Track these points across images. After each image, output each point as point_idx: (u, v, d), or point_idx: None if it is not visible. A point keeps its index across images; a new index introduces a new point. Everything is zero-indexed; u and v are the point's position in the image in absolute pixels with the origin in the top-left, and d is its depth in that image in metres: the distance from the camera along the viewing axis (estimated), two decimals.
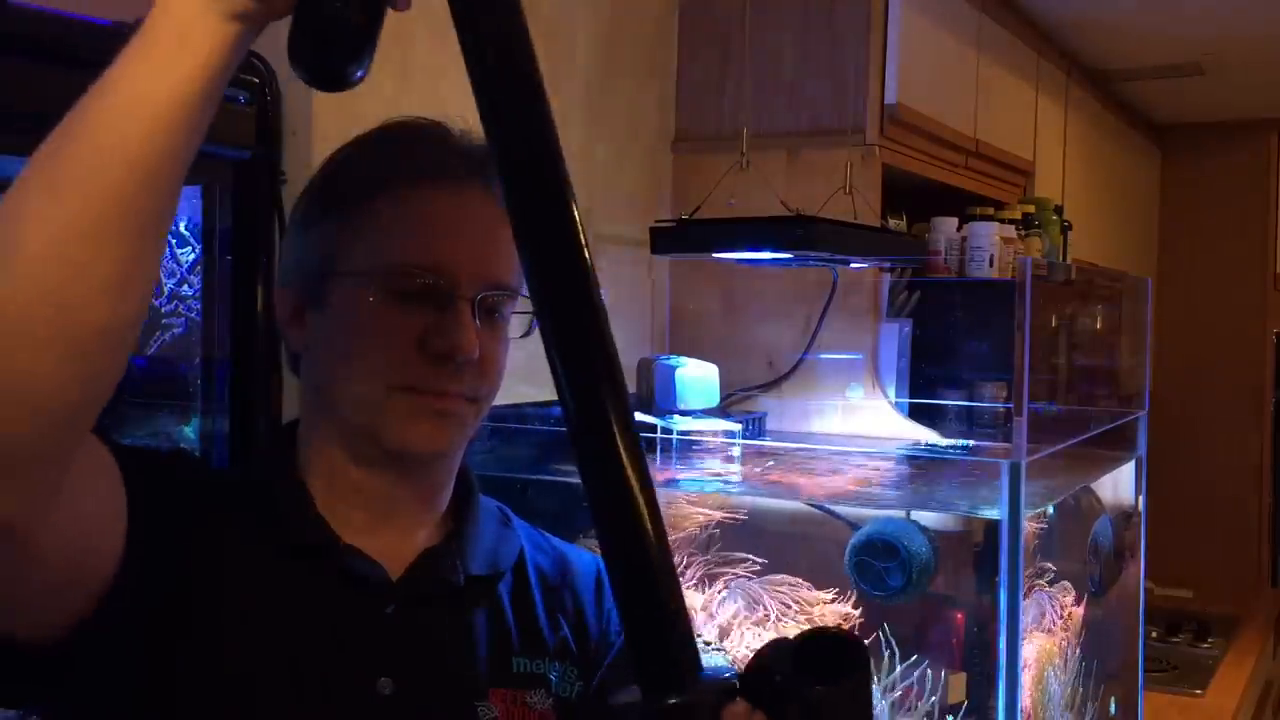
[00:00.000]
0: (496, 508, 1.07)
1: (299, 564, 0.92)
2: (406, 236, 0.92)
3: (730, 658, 1.79)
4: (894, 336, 2.27)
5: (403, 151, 0.95)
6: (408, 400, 0.91)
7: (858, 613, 1.85)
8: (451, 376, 0.92)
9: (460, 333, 0.91)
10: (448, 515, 1.01)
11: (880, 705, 1.79)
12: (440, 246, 0.92)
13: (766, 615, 1.85)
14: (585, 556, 1.10)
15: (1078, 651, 2.21)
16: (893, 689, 1.81)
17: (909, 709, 1.80)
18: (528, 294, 0.72)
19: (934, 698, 1.83)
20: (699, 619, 1.82)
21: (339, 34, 0.68)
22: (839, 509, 1.94)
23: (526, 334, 0.97)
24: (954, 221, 2.33)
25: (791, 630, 1.84)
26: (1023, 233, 2.59)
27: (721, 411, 2.12)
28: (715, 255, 2.04)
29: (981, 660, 1.86)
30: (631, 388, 2.04)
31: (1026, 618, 1.88)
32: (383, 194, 0.93)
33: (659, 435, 1.95)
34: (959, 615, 1.95)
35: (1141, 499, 2.66)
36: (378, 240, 0.92)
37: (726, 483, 1.98)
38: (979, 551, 1.90)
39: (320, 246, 0.95)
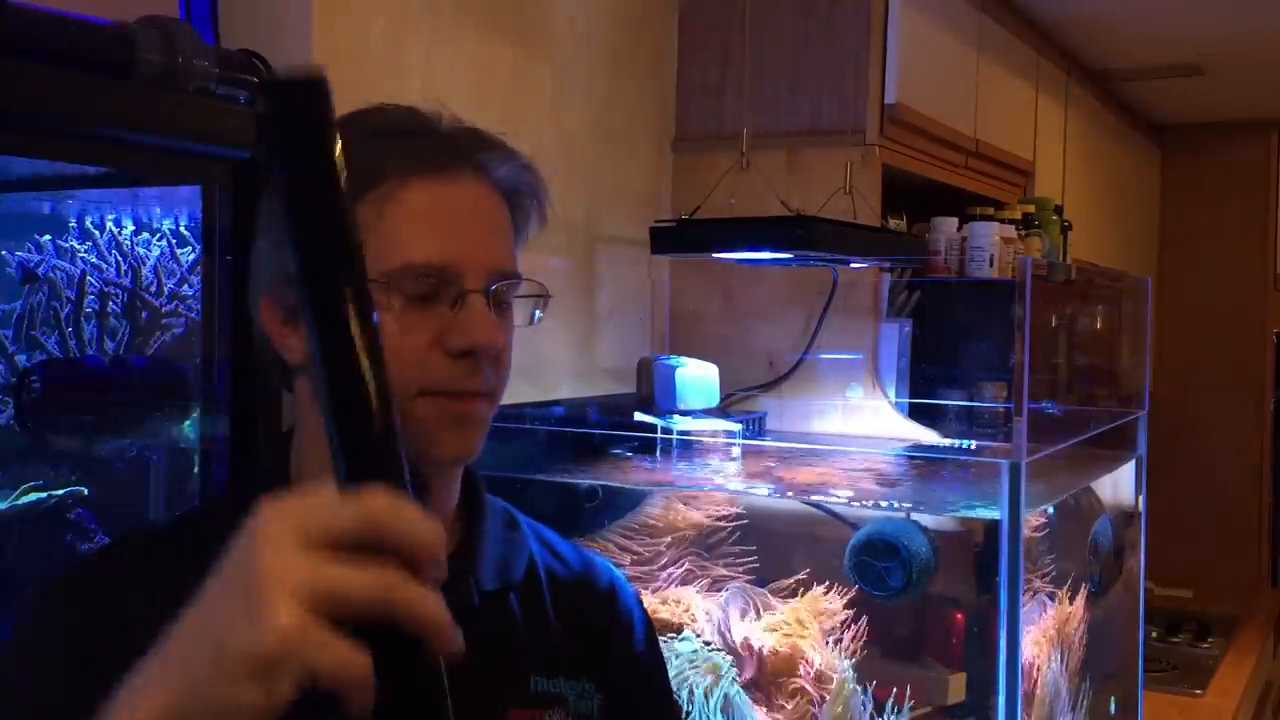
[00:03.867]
0: (503, 509, 1.05)
1: None
2: (409, 237, 0.87)
3: (730, 659, 1.79)
4: (894, 336, 2.27)
5: (389, 146, 0.89)
6: (431, 405, 0.88)
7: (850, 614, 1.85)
8: (472, 373, 0.88)
9: (479, 328, 0.88)
10: (456, 518, 0.98)
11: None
12: (445, 243, 0.88)
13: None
14: (596, 560, 1.08)
15: (1080, 651, 2.21)
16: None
17: (897, 710, 1.80)
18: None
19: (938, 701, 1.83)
20: (700, 620, 1.82)
21: None
22: (839, 509, 1.94)
23: (531, 321, 0.95)
24: (954, 221, 2.33)
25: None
26: (1023, 233, 2.59)
27: (721, 411, 2.12)
28: (715, 255, 2.04)
29: (981, 660, 1.86)
30: (632, 388, 2.04)
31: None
32: (375, 193, 0.87)
33: (659, 435, 1.95)
34: (959, 615, 1.95)
35: (1141, 499, 2.66)
36: (377, 244, 0.86)
37: (726, 483, 1.98)
38: (979, 551, 1.90)
39: None
